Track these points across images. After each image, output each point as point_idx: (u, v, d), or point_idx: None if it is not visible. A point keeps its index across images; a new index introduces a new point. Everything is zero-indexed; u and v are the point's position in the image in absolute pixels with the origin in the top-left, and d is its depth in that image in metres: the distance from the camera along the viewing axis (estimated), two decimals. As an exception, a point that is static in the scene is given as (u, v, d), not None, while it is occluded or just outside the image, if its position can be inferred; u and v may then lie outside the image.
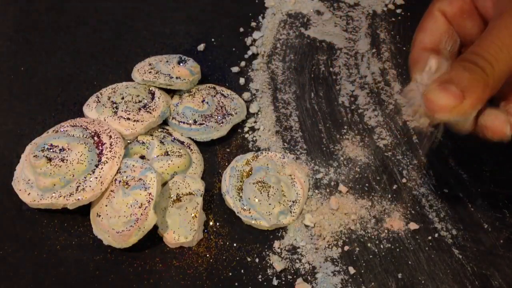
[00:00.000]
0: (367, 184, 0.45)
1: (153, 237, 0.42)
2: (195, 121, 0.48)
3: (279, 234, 0.43)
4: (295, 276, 0.40)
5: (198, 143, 0.48)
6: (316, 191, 0.45)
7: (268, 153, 0.47)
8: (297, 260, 0.41)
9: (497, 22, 0.32)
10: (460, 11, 0.36)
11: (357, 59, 0.56)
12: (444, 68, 0.34)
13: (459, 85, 0.30)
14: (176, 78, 0.49)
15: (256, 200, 0.42)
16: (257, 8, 0.61)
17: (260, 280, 0.40)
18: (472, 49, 0.32)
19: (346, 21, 0.60)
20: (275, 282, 0.40)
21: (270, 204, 0.42)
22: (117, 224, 0.40)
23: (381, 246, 0.42)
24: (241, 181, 0.44)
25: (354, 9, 0.61)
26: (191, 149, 0.47)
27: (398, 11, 0.61)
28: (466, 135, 0.35)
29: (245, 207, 0.42)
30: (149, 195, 0.40)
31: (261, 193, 0.42)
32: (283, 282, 0.40)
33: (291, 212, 0.43)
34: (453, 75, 0.31)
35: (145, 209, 0.39)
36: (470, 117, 0.32)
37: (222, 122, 0.48)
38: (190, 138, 0.48)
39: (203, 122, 0.48)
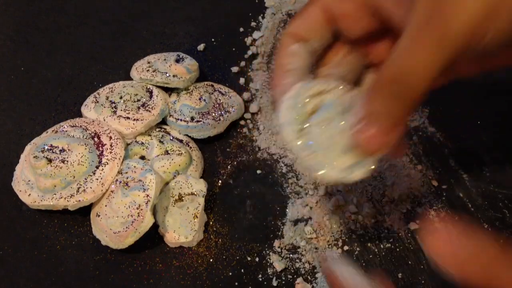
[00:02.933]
0: (367, 184, 0.45)
1: (153, 237, 0.42)
2: (192, 119, 0.48)
3: (279, 234, 0.43)
4: (295, 276, 0.40)
5: (197, 143, 0.48)
6: (317, 191, 0.45)
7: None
8: (297, 260, 0.41)
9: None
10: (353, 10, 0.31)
11: (357, 59, 0.56)
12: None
13: (373, 120, 0.27)
14: (173, 76, 0.49)
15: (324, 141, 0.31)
16: (257, 8, 0.61)
17: (260, 279, 0.40)
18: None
19: (346, 21, 0.60)
20: (275, 282, 0.40)
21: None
22: (114, 224, 0.40)
23: (381, 246, 0.42)
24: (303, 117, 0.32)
25: (354, 9, 0.61)
26: (190, 147, 0.47)
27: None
28: (466, 135, 0.35)
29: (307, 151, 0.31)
30: (147, 197, 0.40)
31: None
32: (283, 282, 0.40)
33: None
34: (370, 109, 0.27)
35: (142, 210, 0.39)
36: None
37: (220, 119, 0.48)
38: (187, 135, 0.48)
39: (201, 119, 0.48)
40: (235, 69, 0.55)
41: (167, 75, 0.49)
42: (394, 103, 0.26)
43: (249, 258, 0.41)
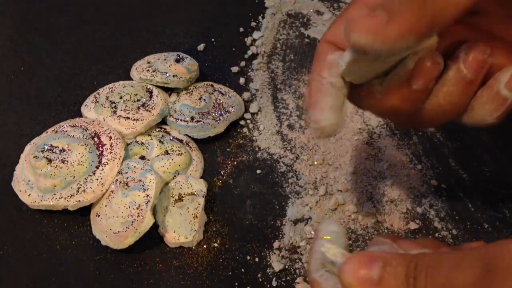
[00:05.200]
0: (367, 184, 0.45)
1: (153, 237, 0.42)
2: (192, 118, 0.48)
3: (279, 234, 0.43)
4: (295, 276, 0.40)
5: (197, 143, 0.48)
6: (317, 190, 0.45)
7: None
8: (297, 260, 0.41)
9: None
10: None
11: (357, 59, 0.56)
12: None
13: (387, 8, 0.24)
14: (173, 76, 0.49)
15: None
16: (257, 8, 0.61)
17: (260, 280, 0.40)
18: None
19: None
20: (274, 282, 0.40)
21: None
22: (114, 224, 0.40)
23: (381, 246, 0.42)
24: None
25: (354, 9, 0.61)
26: (190, 147, 0.47)
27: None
28: (466, 135, 0.34)
29: None
30: (147, 197, 0.40)
31: None
32: (282, 282, 0.40)
33: None
34: (384, 1, 0.25)
35: (142, 210, 0.39)
36: (399, 50, 0.25)
37: (219, 119, 0.48)
38: (187, 135, 0.48)
39: (200, 119, 0.48)
40: (235, 69, 0.55)
41: (167, 75, 0.49)
42: (406, 2, 0.24)
43: (249, 258, 0.41)
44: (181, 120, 0.48)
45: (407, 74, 0.28)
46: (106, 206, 0.41)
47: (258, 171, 0.47)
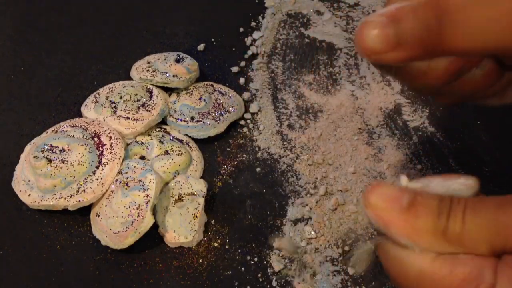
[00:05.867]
0: (367, 184, 0.45)
1: (153, 237, 0.42)
2: (192, 118, 0.48)
3: (279, 234, 0.43)
4: (295, 276, 0.40)
5: (197, 143, 0.48)
6: (317, 190, 0.45)
7: None
8: (297, 260, 0.41)
9: None
10: None
11: (357, 59, 0.56)
12: None
13: (398, 30, 0.23)
14: (173, 76, 0.49)
15: None
16: (257, 8, 0.61)
17: (260, 280, 0.40)
18: None
19: (346, 21, 0.60)
20: (274, 282, 0.40)
21: None
22: (114, 224, 0.40)
23: (381, 246, 0.42)
24: None
25: (354, 9, 0.61)
26: (190, 147, 0.47)
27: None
28: (466, 135, 0.34)
29: None
30: (147, 197, 0.40)
31: None
32: (282, 282, 0.40)
33: None
34: (400, 12, 0.24)
35: (142, 210, 0.39)
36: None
37: (220, 119, 0.48)
38: (187, 135, 0.48)
39: (200, 119, 0.48)
40: (235, 69, 0.55)
41: (167, 75, 0.49)
42: (424, 28, 0.23)
43: (249, 258, 0.41)
44: (181, 120, 0.48)
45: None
46: (106, 206, 0.41)
47: (258, 171, 0.47)
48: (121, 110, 0.47)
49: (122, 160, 0.43)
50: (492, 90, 0.29)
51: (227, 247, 0.42)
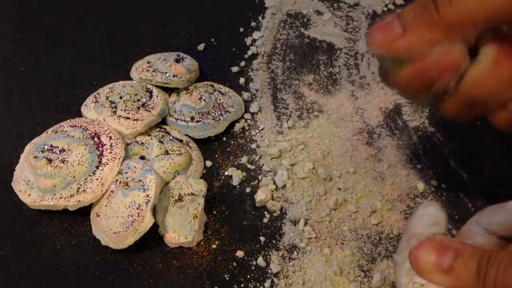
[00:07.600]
0: (367, 184, 0.45)
1: (153, 237, 0.42)
2: (192, 118, 0.48)
3: (279, 234, 0.43)
4: (294, 276, 0.40)
5: (197, 143, 0.48)
6: (316, 191, 0.45)
7: None
8: (296, 260, 0.41)
9: None
10: None
11: (357, 59, 0.56)
12: None
13: (403, 20, 0.27)
14: (173, 76, 0.49)
15: None
16: (257, 8, 0.61)
17: (260, 279, 0.40)
18: None
19: (346, 21, 0.60)
20: (274, 283, 0.40)
21: None
22: (114, 224, 0.40)
23: (381, 246, 0.42)
24: None
25: (354, 9, 0.61)
26: (190, 147, 0.47)
27: (398, 11, 0.61)
28: (466, 135, 0.34)
29: None
30: (147, 197, 0.40)
31: None
32: (282, 282, 0.40)
33: None
34: (403, 10, 0.28)
35: (142, 210, 0.39)
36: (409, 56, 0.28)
37: (219, 119, 0.48)
38: (187, 135, 0.48)
39: (200, 119, 0.48)
40: (235, 69, 0.55)
41: (167, 75, 0.49)
42: (419, 14, 0.27)
43: (248, 259, 0.41)
44: (181, 120, 0.48)
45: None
46: (106, 206, 0.41)
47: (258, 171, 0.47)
48: (121, 110, 0.47)
49: (122, 160, 0.43)
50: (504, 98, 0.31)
51: (227, 247, 0.42)
